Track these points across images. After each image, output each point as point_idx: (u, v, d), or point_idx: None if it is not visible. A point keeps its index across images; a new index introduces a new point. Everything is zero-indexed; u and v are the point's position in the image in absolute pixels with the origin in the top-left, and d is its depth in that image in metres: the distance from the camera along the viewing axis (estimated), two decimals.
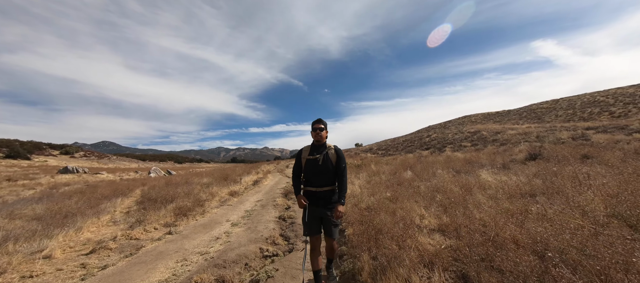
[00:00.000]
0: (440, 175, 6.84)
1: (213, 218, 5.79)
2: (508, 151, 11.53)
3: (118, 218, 6.32)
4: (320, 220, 2.58)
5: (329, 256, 2.77)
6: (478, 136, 17.32)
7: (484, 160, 9.55)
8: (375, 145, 28.25)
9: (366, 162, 12.57)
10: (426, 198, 5.17)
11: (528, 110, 35.26)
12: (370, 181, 7.96)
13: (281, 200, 7.50)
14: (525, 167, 7.20)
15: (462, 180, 6.06)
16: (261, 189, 9.77)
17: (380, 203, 5.03)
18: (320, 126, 2.54)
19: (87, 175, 26.68)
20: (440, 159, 11.38)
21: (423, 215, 4.32)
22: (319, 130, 2.52)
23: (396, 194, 5.51)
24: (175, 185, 11.23)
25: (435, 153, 14.28)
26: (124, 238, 4.57)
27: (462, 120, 38.94)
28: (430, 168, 8.43)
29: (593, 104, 28.87)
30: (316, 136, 2.54)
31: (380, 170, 9.83)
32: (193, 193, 8.25)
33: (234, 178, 11.86)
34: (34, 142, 55.51)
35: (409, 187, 6.31)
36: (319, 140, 2.55)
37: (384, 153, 18.12)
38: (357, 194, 6.30)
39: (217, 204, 7.15)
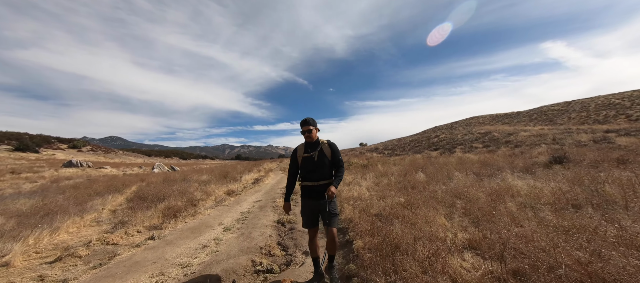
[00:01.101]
0: (457, 178, 6.12)
1: (204, 220, 5.17)
2: (525, 153, 10.70)
3: (103, 218, 5.75)
4: (317, 213, 2.66)
5: (330, 252, 2.70)
6: (489, 137, 16.45)
7: (500, 162, 8.77)
8: (381, 144, 27.42)
9: (372, 162, 11.86)
10: (445, 205, 4.46)
11: (538, 112, 34.04)
12: (378, 183, 7.26)
13: (281, 201, 6.85)
14: (552, 171, 6.43)
15: (485, 185, 5.33)
16: (261, 188, 9.14)
17: (393, 210, 4.34)
18: (308, 128, 2.60)
19: (91, 169, 26.46)
20: (452, 160, 10.61)
21: (445, 225, 3.62)
22: (307, 132, 2.61)
23: (410, 199, 4.81)
24: (173, 182, 10.68)
25: (444, 154, 13.49)
26: (99, 243, 3.97)
27: (469, 121, 37.84)
28: (443, 170, 7.69)
29: (608, 106, 27.61)
30: (307, 138, 2.63)
31: (388, 170, 9.12)
32: (188, 192, 7.66)
33: (234, 176, 11.26)
34: (43, 136, 56.01)
35: (422, 190, 5.61)
36: (310, 140, 2.64)
37: (390, 153, 17.36)
38: (365, 198, 5.62)
39: (212, 204, 6.53)
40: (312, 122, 2.66)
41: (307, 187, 2.66)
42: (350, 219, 4.40)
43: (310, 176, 2.61)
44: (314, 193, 2.61)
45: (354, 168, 11.00)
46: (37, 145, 48.83)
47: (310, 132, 2.61)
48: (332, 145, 2.66)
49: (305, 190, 2.68)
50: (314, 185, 2.60)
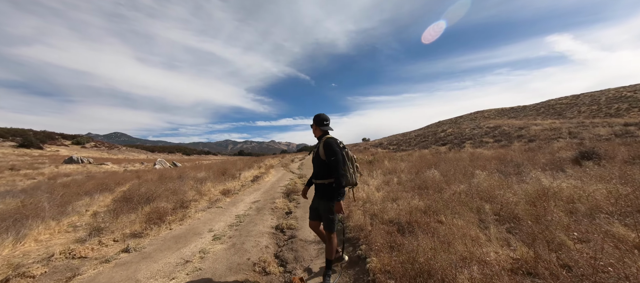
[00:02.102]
0: (479, 176, 5.38)
1: (193, 226, 4.50)
2: (543, 148, 9.90)
3: (83, 222, 5.11)
4: (317, 211, 2.66)
5: (327, 256, 2.58)
6: (499, 131, 15.62)
7: (519, 158, 7.99)
8: (385, 140, 26.61)
9: (378, 158, 11.14)
10: (471, 210, 3.74)
11: (546, 106, 32.96)
12: (388, 181, 6.54)
13: (281, 201, 6.17)
14: (584, 168, 5.67)
15: (514, 184, 4.59)
16: (260, 187, 8.47)
17: (411, 216, 3.63)
18: (311, 124, 2.67)
19: (92, 165, 26.01)
20: (464, 156, 9.85)
21: (478, 238, 2.91)
22: (311, 128, 2.67)
23: (430, 203, 4.09)
24: (169, 179, 10.05)
25: (454, 150, 12.72)
26: (63, 257, 3.31)
27: (474, 115, 36.84)
28: (458, 167, 6.95)
29: (619, 99, 26.49)
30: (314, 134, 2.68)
31: (397, 167, 8.39)
32: (181, 191, 7.01)
33: (233, 173, 10.60)
34: (47, 132, 55.86)
35: (440, 191, 4.89)
36: (315, 136, 2.66)
37: (395, 148, 16.61)
38: (375, 199, 4.91)
39: (205, 206, 5.87)
40: (316, 118, 2.61)
41: (312, 183, 2.75)
42: (361, 227, 3.70)
43: (313, 172, 2.69)
44: (316, 189, 2.65)
45: (360, 165, 10.31)
46: (41, 142, 48.68)
47: (312, 128, 2.66)
48: (326, 144, 2.43)
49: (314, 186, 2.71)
50: (315, 183, 2.63)
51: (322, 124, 2.57)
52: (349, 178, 2.50)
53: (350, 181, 2.53)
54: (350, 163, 2.55)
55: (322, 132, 2.59)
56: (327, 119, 2.62)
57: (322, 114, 2.61)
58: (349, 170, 2.50)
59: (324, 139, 2.48)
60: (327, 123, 2.60)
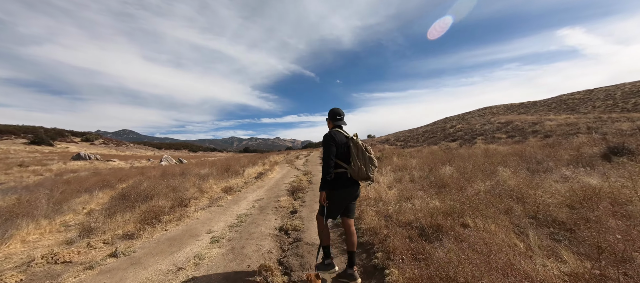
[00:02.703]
0: (501, 173, 4.88)
1: (190, 227, 4.13)
2: (562, 144, 9.28)
3: (76, 221, 4.80)
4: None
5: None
6: (512, 127, 14.92)
7: (539, 154, 7.43)
8: (392, 136, 26.00)
9: (386, 154, 10.66)
10: (498, 211, 3.28)
11: (557, 101, 31.85)
12: (400, 179, 6.09)
13: (286, 200, 5.78)
14: (618, 165, 5.12)
15: (543, 182, 4.09)
16: (264, 184, 8.10)
17: (433, 219, 3.19)
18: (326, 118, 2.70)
19: (99, 162, 26.12)
20: (477, 152, 9.30)
21: (516, 246, 2.45)
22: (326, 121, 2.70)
23: (451, 203, 3.63)
24: (172, 176, 9.77)
25: (465, 146, 12.14)
26: (44, 262, 2.97)
27: (482, 111, 35.87)
28: (473, 163, 6.44)
29: (636, 94, 25.31)
30: None
31: (407, 164, 7.91)
32: (181, 189, 6.68)
33: (236, 169, 10.26)
34: (57, 129, 56.73)
35: (459, 190, 4.42)
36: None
37: (403, 144, 16.06)
38: (388, 198, 4.46)
39: (205, 204, 5.51)
40: (330, 112, 2.64)
41: None
42: (374, 230, 3.27)
43: None
44: None
45: None
46: (52, 139, 49.44)
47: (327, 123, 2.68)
48: (323, 139, 2.48)
49: None
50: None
51: (335, 118, 2.61)
52: (357, 172, 2.41)
53: (358, 175, 2.42)
54: (356, 156, 2.43)
55: (334, 126, 2.60)
56: (340, 113, 2.63)
57: (337, 108, 2.64)
58: (356, 163, 2.40)
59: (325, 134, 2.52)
60: (340, 117, 2.62)
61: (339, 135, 2.46)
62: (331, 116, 2.62)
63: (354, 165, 2.40)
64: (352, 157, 2.42)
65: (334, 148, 2.39)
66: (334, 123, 2.60)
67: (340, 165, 2.43)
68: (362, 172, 2.41)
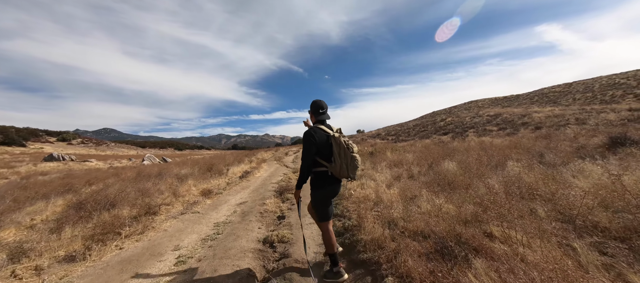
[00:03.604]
0: (510, 168, 4.39)
1: (154, 242, 3.37)
2: (556, 135, 9.04)
3: (13, 239, 3.91)
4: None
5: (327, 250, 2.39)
6: (501, 119, 14.80)
7: (537, 146, 7.08)
8: (383, 130, 25.64)
9: (379, 149, 10.12)
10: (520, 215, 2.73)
11: (539, 94, 32.56)
12: (398, 176, 5.51)
13: (273, 202, 5.08)
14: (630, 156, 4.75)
15: (567, 177, 3.60)
16: (250, 184, 7.35)
17: (449, 226, 2.59)
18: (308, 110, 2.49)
19: (74, 163, 24.30)
20: (472, 145, 8.92)
21: (563, 262, 1.90)
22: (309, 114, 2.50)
23: (471, 209, 3.06)
24: (147, 177, 8.82)
25: (457, 139, 11.81)
26: None
27: (469, 105, 36.25)
28: (473, 156, 5.97)
29: (613, 86, 26.14)
30: None
31: (403, 159, 7.37)
32: (154, 192, 5.84)
33: (220, 168, 9.42)
34: (30, 129, 53.08)
35: (466, 188, 3.88)
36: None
37: (394, 139, 15.65)
38: (388, 200, 3.85)
39: (178, 212, 4.72)
40: (312, 105, 2.41)
41: None
42: (378, 242, 2.65)
43: None
44: None
45: (360, 157, 9.26)
46: (24, 139, 46.13)
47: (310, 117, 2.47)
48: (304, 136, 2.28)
49: None
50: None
51: (318, 112, 2.39)
52: (339, 170, 2.23)
53: (339, 173, 2.25)
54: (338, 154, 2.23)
55: (316, 120, 2.40)
56: (323, 106, 2.40)
57: (319, 100, 2.41)
58: (337, 161, 2.23)
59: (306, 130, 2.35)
60: (323, 111, 2.39)
61: (320, 133, 2.26)
62: (313, 109, 2.40)
63: (336, 163, 2.24)
64: (334, 155, 2.25)
65: (314, 147, 2.21)
66: (317, 117, 2.39)
67: (321, 163, 2.27)
68: (343, 170, 2.24)
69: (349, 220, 3.57)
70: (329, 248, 2.34)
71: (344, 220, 3.61)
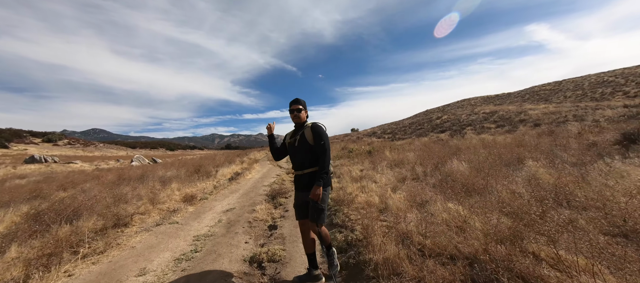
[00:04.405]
0: (529, 167, 3.91)
1: (115, 265, 2.74)
2: (560, 132, 8.71)
3: None
4: (306, 205, 2.17)
5: (324, 243, 2.18)
6: (498, 116, 14.52)
7: (544, 144, 6.68)
8: (378, 128, 25.22)
9: (377, 148, 9.61)
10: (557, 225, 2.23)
11: (531, 92, 32.76)
12: (402, 178, 4.99)
13: (264, 208, 4.48)
14: None
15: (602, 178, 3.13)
16: (239, 187, 6.72)
17: (479, 243, 2.06)
18: (297, 107, 2.25)
19: (57, 164, 23.04)
20: (474, 143, 8.50)
21: None
22: (296, 111, 2.25)
23: (508, 223, 2.54)
24: (128, 180, 8.09)
25: (456, 136, 11.43)
26: None
27: (462, 103, 36.26)
28: (479, 155, 5.51)
29: (602, 84, 26.42)
30: (294, 118, 2.28)
31: (404, 158, 6.87)
32: (133, 198, 5.17)
33: (208, 170, 8.74)
34: (14, 130, 50.85)
35: (480, 192, 3.38)
36: (296, 121, 2.29)
37: (391, 137, 15.20)
38: (396, 206, 3.31)
39: (153, 222, 4.08)
40: (303, 102, 2.30)
41: (295, 176, 2.30)
42: (393, 267, 2.08)
43: (295, 164, 2.27)
44: (299, 183, 2.24)
45: (357, 156, 8.71)
46: (7, 140, 44.09)
47: (299, 112, 2.24)
48: (315, 128, 2.15)
49: (294, 180, 2.31)
50: (300, 174, 2.23)
51: (306, 108, 2.34)
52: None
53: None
54: None
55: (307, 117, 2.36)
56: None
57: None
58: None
59: (310, 124, 2.21)
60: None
61: None
62: (305, 105, 2.33)
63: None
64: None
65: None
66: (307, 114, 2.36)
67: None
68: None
69: (352, 232, 3.01)
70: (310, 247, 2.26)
71: (345, 232, 3.05)
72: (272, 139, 2.43)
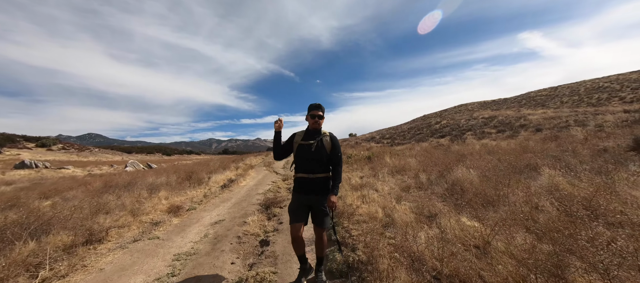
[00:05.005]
0: (547, 176, 3.57)
1: None
2: (563, 138, 8.44)
3: None
4: (308, 209, 2.22)
5: (319, 254, 2.24)
6: (498, 122, 14.29)
7: (552, 149, 6.39)
8: (377, 133, 24.92)
9: (376, 153, 9.26)
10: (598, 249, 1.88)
11: (527, 98, 32.81)
12: (406, 187, 4.62)
13: (256, 220, 4.07)
14: None
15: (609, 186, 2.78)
16: (232, 195, 6.30)
17: (509, 272, 1.68)
18: (319, 113, 2.24)
19: (48, 170, 22.36)
20: (476, 148, 8.19)
21: None
22: (317, 117, 2.23)
23: (549, 249, 2.17)
24: (114, 187, 7.63)
25: (456, 141, 11.13)
26: None
27: (459, 108, 36.22)
28: (486, 161, 5.17)
29: (598, 89, 26.51)
30: (314, 124, 2.25)
31: (405, 164, 6.51)
32: (114, 208, 4.73)
33: (201, 177, 8.31)
34: (7, 135, 49.89)
35: (493, 203, 3.02)
36: (315, 127, 2.26)
37: (390, 142, 14.88)
38: (401, 220, 2.94)
39: (132, 237, 3.65)
40: (323, 109, 2.28)
41: (300, 179, 2.23)
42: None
43: (305, 167, 2.20)
44: (307, 186, 2.19)
45: (356, 162, 8.34)
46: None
47: (320, 118, 2.25)
48: (334, 139, 2.25)
49: (298, 183, 2.24)
50: (309, 178, 2.18)
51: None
52: None
53: None
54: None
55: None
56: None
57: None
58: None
59: (329, 133, 2.28)
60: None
61: None
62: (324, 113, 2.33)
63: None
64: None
65: None
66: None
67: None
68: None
69: (353, 251, 2.62)
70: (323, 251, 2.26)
71: (346, 251, 2.66)
72: (279, 136, 2.34)
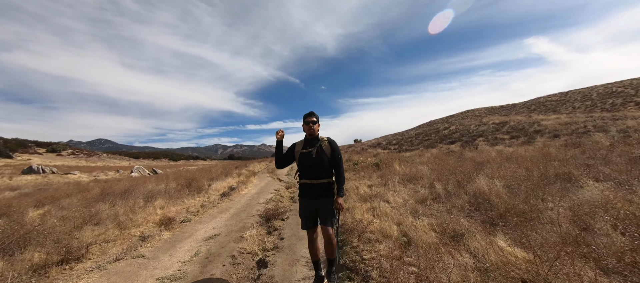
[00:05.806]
0: (588, 188, 3.05)
1: None
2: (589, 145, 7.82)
3: None
4: (315, 212, 2.27)
5: (329, 256, 2.23)
6: (510, 127, 13.64)
7: (577, 156, 5.82)
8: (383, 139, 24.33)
9: (384, 160, 8.76)
10: None
11: (536, 103, 31.89)
12: (422, 199, 4.12)
13: (255, 235, 3.63)
14: None
15: None
16: (231, 204, 5.88)
17: None
18: (312, 119, 2.30)
19: (55, 175, 22.37)
20: (492, 155, 7.63)
21: None
22: (311, 123, 2.30)
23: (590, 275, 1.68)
24: (111, 194, 7.30)
25: (468, 148, 10.55)
26: None
27: (465, 114, 35.42)
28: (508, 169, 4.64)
29: (611, 94, 25.52)
30: (308, 130, 2.30)
31: (417, 172, 6.01)
32: (106, 218, 4.36)
33: (201, 184, 7.93)
34: (19, 140, 50.90)
35: (540, 220, 2.52)
36: (311, 133, 2.31)
37: (397, 148, 14.34)
38: (422, 242, 2.46)
39: (114, 254, 3.24)
40: (316, 116, 2.34)
41: (305, 185, 2.30)
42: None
43: (309, 173, 2.26)
44: (312, 191, 2.25)
45: (364, 169, 7.85)
46: (12, 150, 43.97)
47: (314, 124, 2.29)
48: (332, 143, 2.34)
49: (303, 188, 2.31)
50: (313, 184, 2.25)
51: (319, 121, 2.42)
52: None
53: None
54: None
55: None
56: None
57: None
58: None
59: (326, 138, 2.36)
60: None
61: None
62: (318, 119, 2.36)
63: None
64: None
65: None
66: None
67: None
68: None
69: (366, 280, 2.15)
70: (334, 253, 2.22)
71: (357, 280, 2.20)
72: (280, 146, 2.35)
